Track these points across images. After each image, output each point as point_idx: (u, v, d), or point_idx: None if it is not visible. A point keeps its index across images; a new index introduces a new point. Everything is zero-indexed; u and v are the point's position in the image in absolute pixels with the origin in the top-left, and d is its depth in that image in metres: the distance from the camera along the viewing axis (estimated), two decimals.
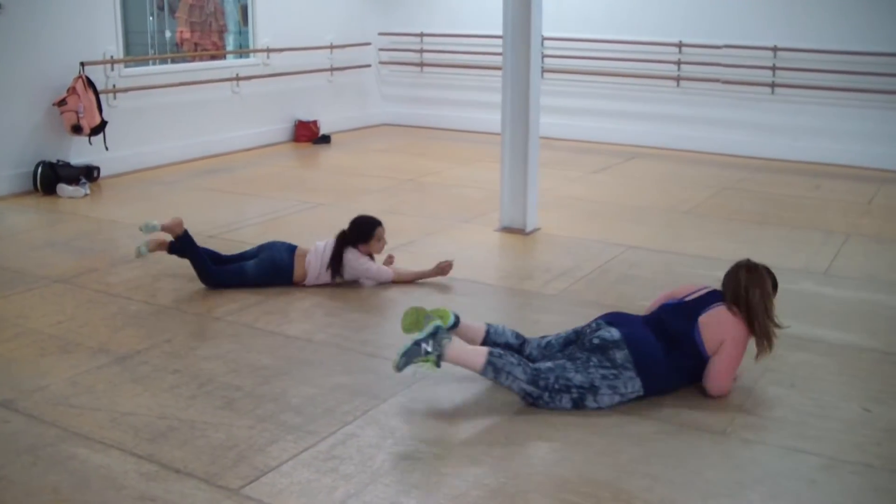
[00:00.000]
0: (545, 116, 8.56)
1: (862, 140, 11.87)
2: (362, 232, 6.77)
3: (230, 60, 12.77)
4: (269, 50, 12.76)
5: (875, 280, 7.15)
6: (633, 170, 11.51)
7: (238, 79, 12.13)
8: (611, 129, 13.39)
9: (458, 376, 5.09)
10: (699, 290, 5.15)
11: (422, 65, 14.80)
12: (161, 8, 12.58)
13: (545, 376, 4.73)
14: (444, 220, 8.73)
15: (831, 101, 11.90)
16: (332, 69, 13.85)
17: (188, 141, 11.72)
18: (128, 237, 7.94)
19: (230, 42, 13.17)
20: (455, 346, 4.75)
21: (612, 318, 5.03)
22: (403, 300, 6.45)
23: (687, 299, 5.10)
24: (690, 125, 12.92)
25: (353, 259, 6.71)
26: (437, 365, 4.67)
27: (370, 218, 6.86)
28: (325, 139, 13.34)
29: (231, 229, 8.31)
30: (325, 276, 6.70)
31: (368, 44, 14.71)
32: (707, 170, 11.60)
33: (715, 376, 4.88)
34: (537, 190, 8.41)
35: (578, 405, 4.74)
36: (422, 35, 14.65)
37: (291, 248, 6.79)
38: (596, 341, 4.85)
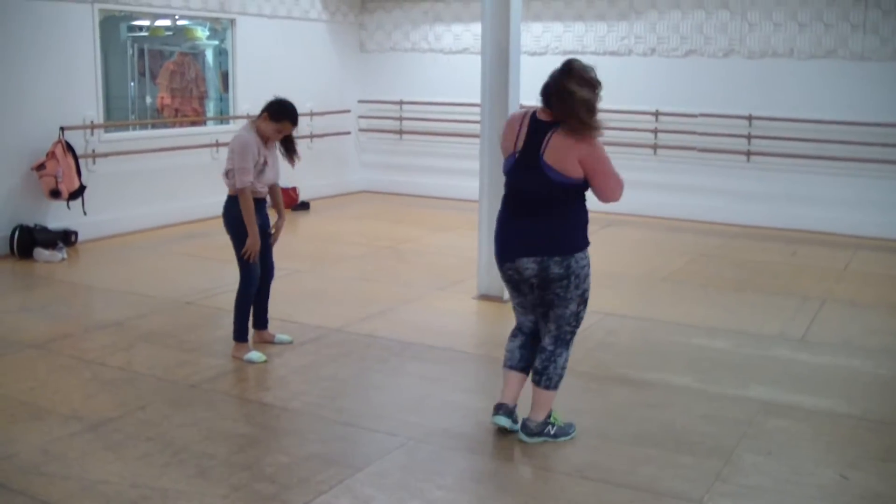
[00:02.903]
0: None
1: (837, 207, 12.01)
2: (280, 110, 6.55)
3: (210, 126, 12.86)
4: (249, 116, 12.79)
5: (851, 345, 7.19)
6: (610, 237, 11.57)
7: (218, 145, 12.17)
8: (588, 196, 13.43)
9: (436, 445, 5.09)
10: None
11: (401, 132, 14.91)
12: (142, 74, 12.70)
13: (564, 334, 5.13)
14: (422, 288, 8.74)
15: (806, 169, 12.05)
16: (311, 136, 13.92)
17: (167, 206, 11.73)
18: (104, 302, 7.92)
19: (210, 108, 13.27)
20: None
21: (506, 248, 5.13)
22: (380, 368, 6.46)
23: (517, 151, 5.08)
24: (667, 193, 13.03)
25: (237, 141, 6.51)
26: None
27: (293, 109, 6.62)
28: (305, 206, 13.38)
29: (209, 295, 8.29)
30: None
31: (348, 111, 14.84)
32: (684, 237, 11.69)
33: (607, 196, 5.21)
34: None
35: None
36: (401, 103, 14.78)
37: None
38: (534, 281, 5.04)
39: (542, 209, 4.97)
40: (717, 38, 12.71)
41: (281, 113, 6.51)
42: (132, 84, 12.71)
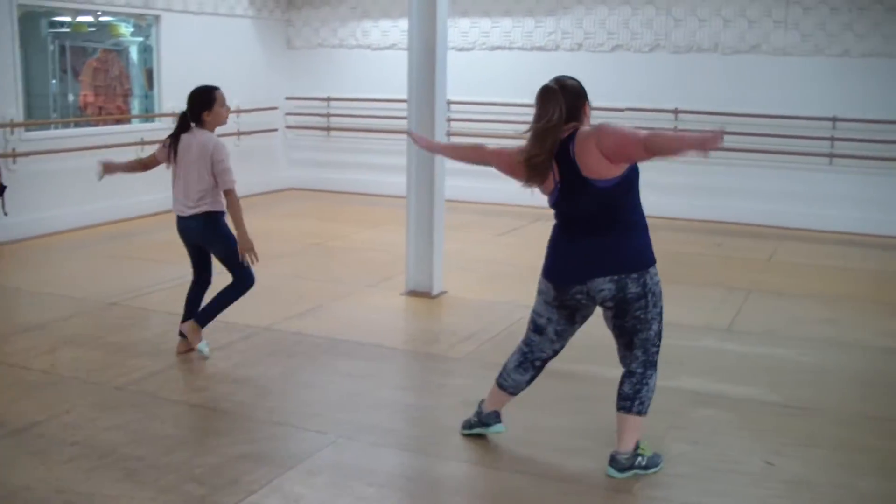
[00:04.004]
0: (451, 179, 8.63)
1: (761, 198, 12.22)
2: (203, 99, 6.39)
3: (135, 124, 12.67)
4: (175, 114, 12.58)
5: (776, 335, 7.30)
6: (539, 231, 11.54)
7: (143, 143, 11.99)
8: (516, 191, 13.39)
9: (366, 442, 5.07)
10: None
11: (329, 129, 14.85)
12: (64, 71, 12.47)
13: (651, 356, 4.83)
14: (351, 285, 8.70)
15: (730, 161, 12.21)
16: (238, 133, 13.80)
17: (91, 206, 11.54)
18: (26, 305, 7.77)
19: (135, 106, 13.07)
20: None
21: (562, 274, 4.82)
22: (309, 365, 6.42)
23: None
24: None
25: (219, 149, 6.37)
26: None
27: (204, 86, 6.48)
28: None
29: (135, 296, 8.17)
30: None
31: (275, 108, 14.74)
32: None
33: (650, 148, 4.34)
34: (443, 253, 8.45)
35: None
36: (328, 99, 14.71)
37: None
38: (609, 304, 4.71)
39: (604, 225, 4.63)
40: (644, 34, 12.85)
41: (212, 93, 6.44)
42: (54, 82, 12.47)
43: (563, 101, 4.52)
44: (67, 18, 12.49)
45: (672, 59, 12.74)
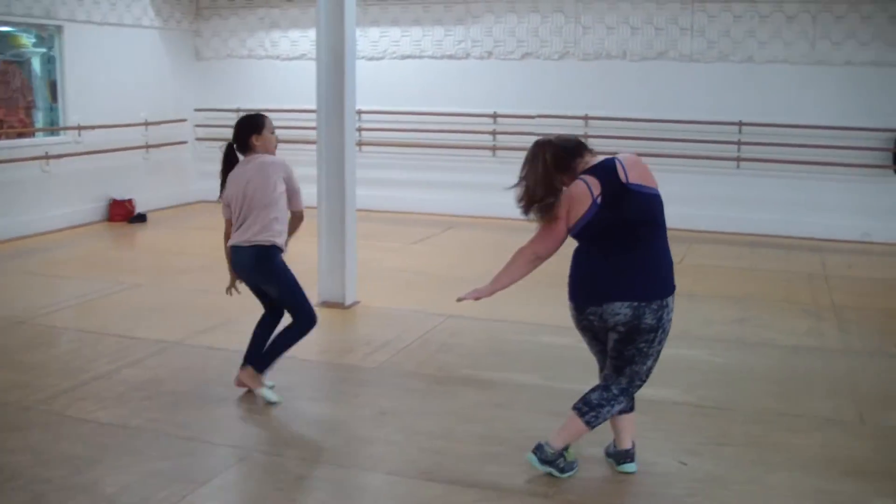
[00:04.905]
0: (362, 189, 8.61)
1: (670, 202, 12.07)
2: (252, 123, 5.87)
3: (39, 138, 12.39)
4: (80, 127, 12.45)
5: (689, 336, 7.39)
6: (452, 239, 11.66)
7: (48, 157, 11.78)
8: (428, 199, 13.55)
9: (279, 455, 5.02)
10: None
11: None
12: None
13: (633, 388, 4.77)
14: None
15: None
16: (147, 146, 13.61)
17: None
18: None
19: (39, 119, 12.79)
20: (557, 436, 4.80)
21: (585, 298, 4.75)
22: (221, 380, 6.33)
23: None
24: (507, 193, 13.15)
25: (281, 166, 5.83)
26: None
27: (251, 114, 5.98)
28: (141, 218, 13.06)
29: (43, 314, 7.99)
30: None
31: (184, 120, 14.55)
32: (526, 236, 11.81)
33: None
34: (356, 262, 8.41)
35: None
36: (238, 111, 14.54)
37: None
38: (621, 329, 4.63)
39: (637, 242, 4.65)
40: (553, 41, 12.96)
41: (262, 118, 5.95)
42: None
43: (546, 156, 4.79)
44: None
45: (581, 67, 12.88)
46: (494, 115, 13.15)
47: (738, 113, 12.15)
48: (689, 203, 12.30)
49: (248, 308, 8.18)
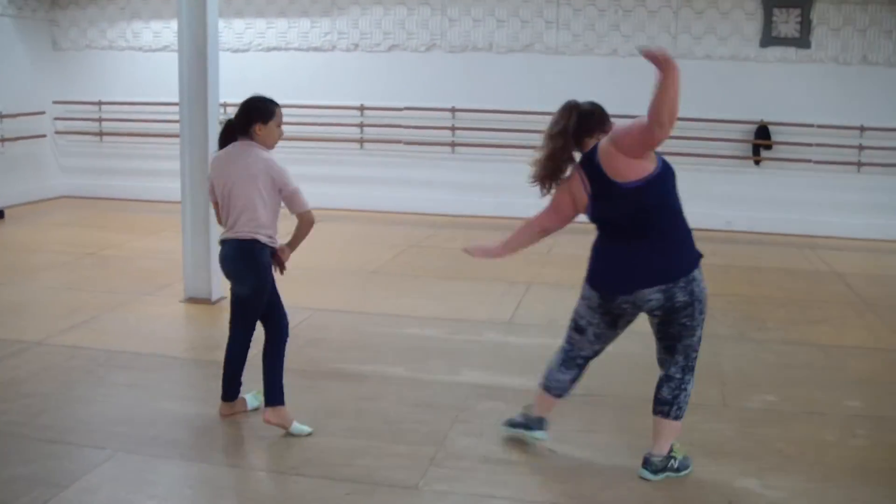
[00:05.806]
0: None
1: (536, 195, 12.51)
2: (262, 110, 5.31)
3: None
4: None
5: (555, 325, 7.45)
6: (320, 233, 11.48)
7: None
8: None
9: (146, 454, 4.92)
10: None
11: (101, 134, 14.33)
12: None
13: (691, 361, 4.84)
14: (127, 294, 8.42)
15: (509, 158, 12.42)
16: (3, 140, 13.16)
17: None
18: None
19: None
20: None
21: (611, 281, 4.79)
22: (85, 379, 6.17)
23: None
24: (376, 186, 13.21)
25: (271, 161, 5.28)
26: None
27: (265, 97, 5.40)
28: None
29: None
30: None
31: (42, 112, 14.09)
32: (393, 229, 11.86)
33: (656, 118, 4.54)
34: None
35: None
36: (100, 103, 14.20)
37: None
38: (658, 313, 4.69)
39: (644, 230, 4.62)
40: (420, 34, 13.01)
41: (274, 107, 5.43)
42: None
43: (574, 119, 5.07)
44: None
45: (448, 59, 12.95)
46: (362, 108, 13.12)
47: (610, 107, 12.31)
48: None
49: (113, 305, 8.04)
